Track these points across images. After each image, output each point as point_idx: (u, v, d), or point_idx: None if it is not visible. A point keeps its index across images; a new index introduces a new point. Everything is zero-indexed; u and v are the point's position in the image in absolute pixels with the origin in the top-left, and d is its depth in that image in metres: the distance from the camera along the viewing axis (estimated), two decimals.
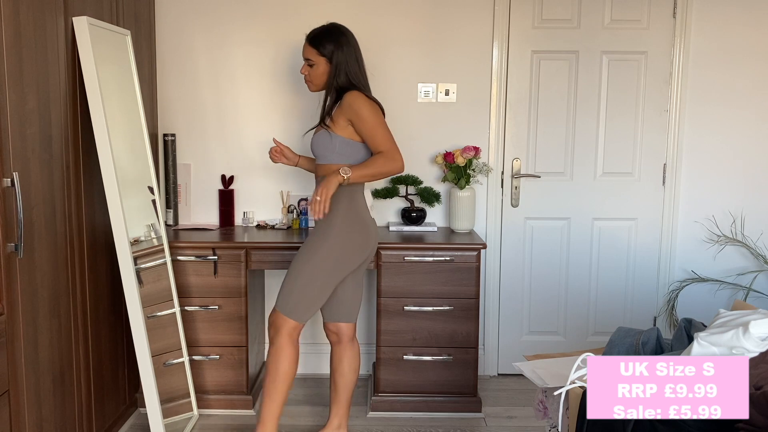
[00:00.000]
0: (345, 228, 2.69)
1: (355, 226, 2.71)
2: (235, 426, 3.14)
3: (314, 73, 2.74)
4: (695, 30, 3.56)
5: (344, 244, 2.69)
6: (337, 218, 2.68)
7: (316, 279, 2.67)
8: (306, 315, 2.69)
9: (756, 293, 3.61)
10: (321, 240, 2.69)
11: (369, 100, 2.66)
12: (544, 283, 3.74)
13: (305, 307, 2.68)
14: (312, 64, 2.73)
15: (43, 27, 2.32)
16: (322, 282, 2.68)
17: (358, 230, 2.71)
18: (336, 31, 2.74)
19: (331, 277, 2.69)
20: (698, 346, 1.96)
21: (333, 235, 2.68)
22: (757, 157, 3.66)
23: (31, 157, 2.25)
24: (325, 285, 2.69)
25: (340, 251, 2.68)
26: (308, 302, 2.68)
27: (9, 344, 2.12)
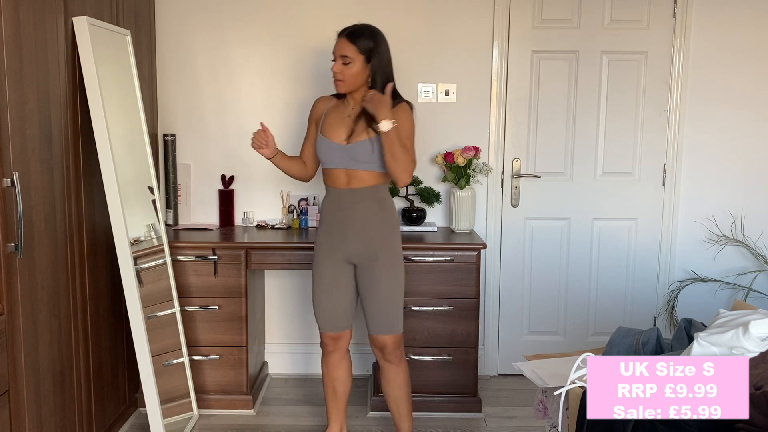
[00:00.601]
0: (398, 231, 2.74)
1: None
2: (235, 426, 3.14)
3: (349, 71, 2.58)
4: (695, 30, 3.56)
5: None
6: (395, 220, 2.72)
7: (402, 288, 2.73)
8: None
9: (756, 293, 3.61)
10: (396, 251, 2.69)
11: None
12: (544, 283, 3.74)
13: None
14: (348, 61, 2.57)
15: (43, 27, 2.32)
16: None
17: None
18: (374, 30, 2.64)
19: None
20: (698, 346, 1.96)
21: (398, 240, 2.71)
22: (757, 157, 3.66)
23: (31, 157, 2.25)
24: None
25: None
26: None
27: (9, 344, 2.12)
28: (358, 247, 2.64)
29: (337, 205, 2.66)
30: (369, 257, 2.64)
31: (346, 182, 2.63)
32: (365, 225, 2.63)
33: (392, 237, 2.68)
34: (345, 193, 2.64)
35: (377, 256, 2.63)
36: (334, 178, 2.66)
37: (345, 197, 2.64)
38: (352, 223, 2.63)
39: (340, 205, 2.65)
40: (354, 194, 2.63)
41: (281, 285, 3.73)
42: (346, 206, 2.64)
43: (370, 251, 2.63)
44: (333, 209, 2.67)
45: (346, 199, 2.64)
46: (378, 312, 2.67)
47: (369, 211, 2.63)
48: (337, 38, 2.64)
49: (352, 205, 2.63)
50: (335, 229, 2.66)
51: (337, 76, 2.60)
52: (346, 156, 2.60)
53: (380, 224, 2.65)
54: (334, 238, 2.66)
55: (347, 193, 2.63)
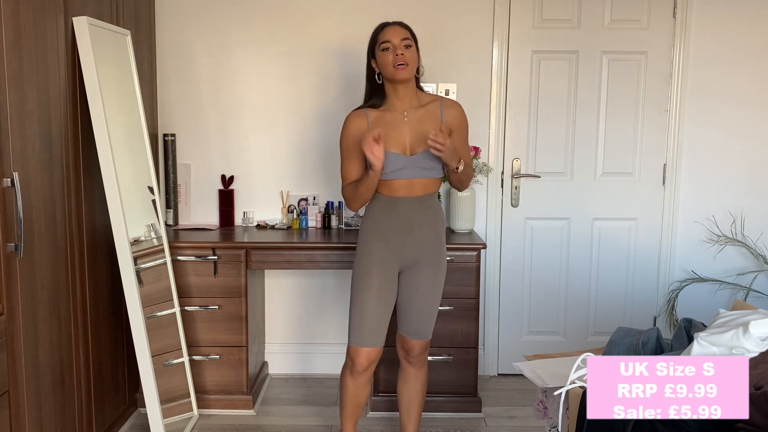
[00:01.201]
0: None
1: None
2: (235, 426, 3.14)
3: (411, 54, 2.49)
4: (695, 30, 3.56)
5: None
6: (445, 223, 2.69)
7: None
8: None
9: (756, 293, 3.61)
10: (445, 254, 2.66)
11: None
12: (544, 283, 3.74)
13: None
14: (410, 44, 2.50)
15: (43, 27, 2.32)
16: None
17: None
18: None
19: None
20: (698, 346, 1.96)
21: (444, 249, 2.68)
22: (757, 157, 3.66)
23: (31, 157, 2.25)
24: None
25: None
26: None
27: (9, 344, 2.12)
28: (418, 252, 2.58)
29: (396, 213, 2.55)
30: (423, 261, 2.59)
31: (408, 190, 2.54)
32: (428, 230, 2.59)
33: (444, 240, 2.67)
34: (407, 201, 2.55)
35: (432, 260, 2.60)
36: (395, 187, 2.54)
37: (407, 205, 2.55)
38: (414, 230, 2.56)
39: (400, 212, 2.55)
40: (417, 202, 2.56)
41: (281, 285, 3.73)
42: (409, 213, 2.55)
43: (428, 255, 2.59)
44: (390, 217, 2.56)
45: (408, 206, 2.55)
46: (418, 316, 2.62)
47: (431, 216, 2.60)
48: (384, 28, 2.54)
49: (416, 212, 2.56)
50: (392, 237, 2.56)
51: (401, 60, 2.45)
52: (413, 166, 2.51)
53: (440, 228, 2.63)
54: (392, 245, 2.56)
55: (410, 201, 2.55)
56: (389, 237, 2.57)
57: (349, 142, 2.56)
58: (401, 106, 2.55)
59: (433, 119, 2.55)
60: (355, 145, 2.53)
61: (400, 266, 2.60)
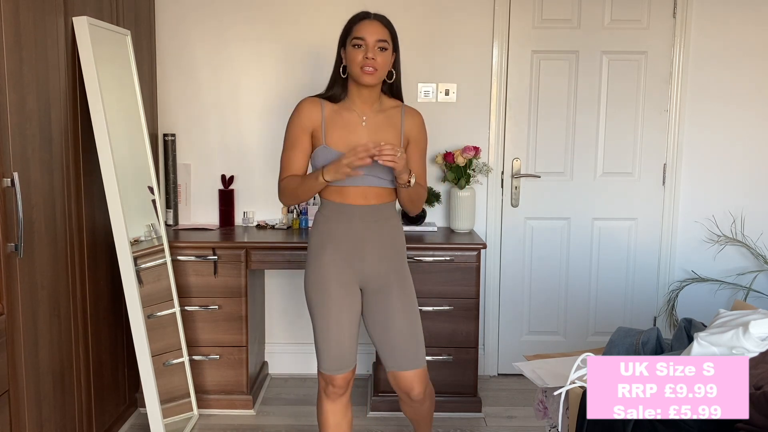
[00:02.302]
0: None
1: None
2: (235, 426, 3.14)
3: (384, 59, 2.25)
4: (695, 30, 3.56)
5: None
6: (404, 239, 2.47)
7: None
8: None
9: (756, 293, 3.61)
10: (408, 271, 2.42)
11: None
12: (544, 283, 3.74)
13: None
14: (385, 47, 2.25)
15: (43, 27, 2.32)
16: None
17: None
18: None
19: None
20: (698, 346, 1.96)
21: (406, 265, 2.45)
22: (757, 157, 3.66)
23: (31, 157, 2.25)
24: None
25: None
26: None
27: (9, 344, 2.12)
28: (377, 268, 2.33)
29: (350, 223, 2.31)
30: (385, 280, 2.34)
31: (363, 198, 2.31)
32: (385, 243, 2.35)
33: (405, 257, 2.44)
34: (362, 210, 2.31)
35: (394, 278, 2.35)
36: (347, 194, 2.30)
37: (362, 214, 2.31)
38: (372, 243, 2.32)
39: (355, 222, 2.31)
40: (374, 211, 2.32)
41: (281, 285, 3.73)
42: (364, 223, 2.31)
43: (389, 272, 2.34)
44: (343, 227, 2.32)
45: (363, 216, 2.31)
46: (402, 345, 2.33)
47: (389, 229, 2.36)
48: (362, 21, 2.28)
49: (372, 223, 2.32)
50: (346, 249, 2.32)
51: (369, 64, 2.21)
52: (368, 173, 2.26)
53: (399, 243, 2.40)
54: (348, 258, 2.32)
55: (365, 209, 2.31)
56: (344, 248, 2.32)
57: (298, 130, 2.31)
58: (361, 107, 2.32)
59: (392, 128, 2.34)
60: (304, 134, 2.31)
61: (359, 282, 2.35)
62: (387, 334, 2.34)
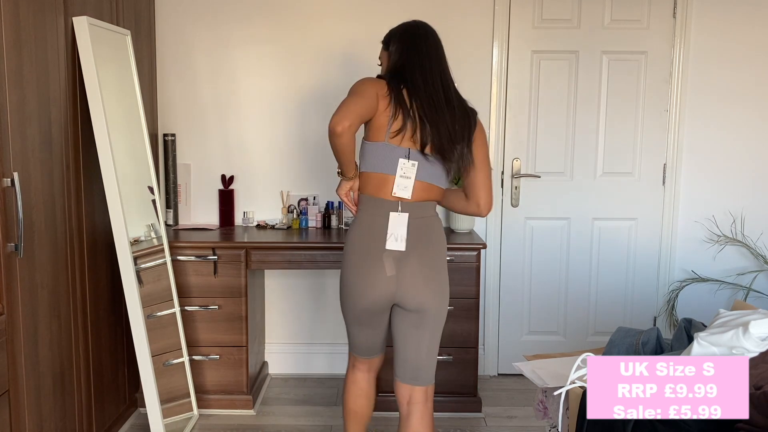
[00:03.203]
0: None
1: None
2: (235, 426, 3.14)
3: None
4: (695, 30, 3.56)
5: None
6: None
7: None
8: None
9: (756, 293, 3.61)
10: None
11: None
12: (544, 283, 3.74)
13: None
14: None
15: (43, 27, 2.32)
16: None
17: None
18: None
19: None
20: (698, 346, 1.96)
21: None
22: (757, 157, 3.66)
23: (31, 157, 2.25)
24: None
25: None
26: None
27: (9, 344, 2.12)
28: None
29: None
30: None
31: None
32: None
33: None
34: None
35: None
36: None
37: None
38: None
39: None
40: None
41: (281, 285, 3.73)
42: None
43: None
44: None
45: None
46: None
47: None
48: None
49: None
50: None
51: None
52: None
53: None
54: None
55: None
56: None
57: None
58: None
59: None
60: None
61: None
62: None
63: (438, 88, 2.25)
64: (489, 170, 2.34)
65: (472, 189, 2.32)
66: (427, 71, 2.25)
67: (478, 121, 2.32)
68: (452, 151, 2.22)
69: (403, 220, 2.21)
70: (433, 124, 2.20)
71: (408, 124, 2.19)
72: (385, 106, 2.20)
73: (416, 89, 2.22)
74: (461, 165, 2.27)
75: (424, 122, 2.20)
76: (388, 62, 2.33)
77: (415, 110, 2.20)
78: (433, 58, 2.29)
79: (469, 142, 2.26)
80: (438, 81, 2.26)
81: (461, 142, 2.23)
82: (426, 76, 2.24)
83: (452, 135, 2.21)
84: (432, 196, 2.29)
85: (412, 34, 2.33)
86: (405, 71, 2.25)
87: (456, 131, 2.22)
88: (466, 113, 2.29)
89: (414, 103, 2.21)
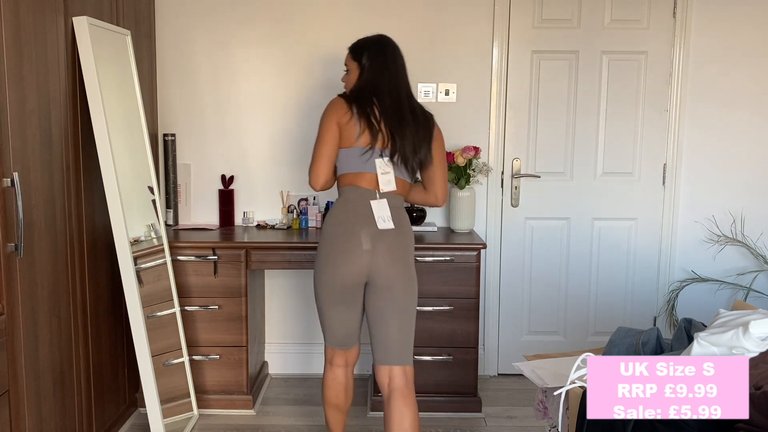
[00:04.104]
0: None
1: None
2: (235, 426, 3.14)
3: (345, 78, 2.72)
4: (695, 30, 3.56)
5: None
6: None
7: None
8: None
9: (756, 293, 3.61)
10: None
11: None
12: (544, 283, 3.74)
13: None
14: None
15: (43, 27, 2.32)
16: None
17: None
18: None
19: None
20: (698, 346, 1.96)
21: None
22: (757, 157, 3.66)
23: (31, 157, 2.25)
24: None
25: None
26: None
27: (9, 344, 2.12)
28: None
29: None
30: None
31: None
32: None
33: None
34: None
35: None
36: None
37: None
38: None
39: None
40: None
41: (281, 285, 3.73)
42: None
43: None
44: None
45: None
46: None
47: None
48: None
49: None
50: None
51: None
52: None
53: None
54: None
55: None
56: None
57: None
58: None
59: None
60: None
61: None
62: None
63: (404, 103, 2.52)
64: (445, 167, 2.65)
65: (430, 183, 2.62)
66: (394, 90, 2.52)
67: (435, 125, 2.61)
68: (415, 157, 2.50)
69: (384, 203, 2.47)
70: (401, 137, 2.47)
71: (378, 139, 2.46)
72: (347, 120, 2.47)
73: (385, 108, 2.48)
74: (423, 164, 2.56)
75: (393, 137, 2.47)
76: (359, 75, 2.56)
77: (384, 127, 2.47)
78: (401, 76, 2.56)
79: (429, 144, 2.55)
80: (404, 96, 2.54)
81: (423, 147, 2.52)
82: (394, 95, 2.51)
83: (416, 145, 2.50)
84: (400, 190, 2.53)
85: (383, 52, 2.57)
86: (376, 92, 2.51)
87: (418, 138, 2.51)
88: (426, 119, 2.58)
89: (383, 120, 2.47)
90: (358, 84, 2.55)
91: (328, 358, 2.64)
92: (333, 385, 2.64)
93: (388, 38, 2.61)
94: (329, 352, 2.63)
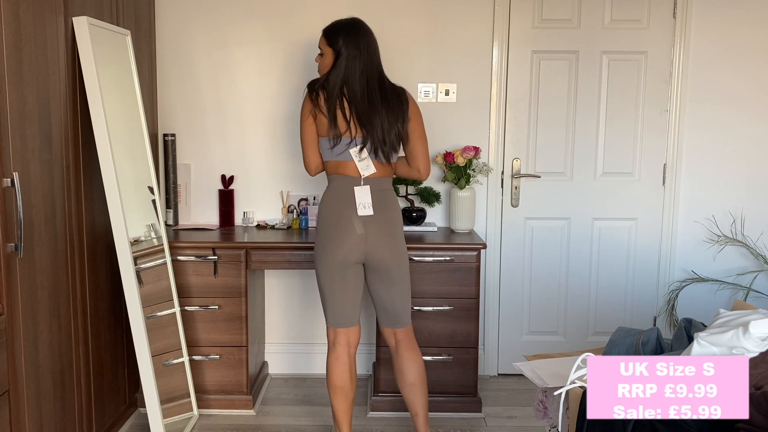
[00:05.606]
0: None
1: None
2: (235, 426, 3.14)
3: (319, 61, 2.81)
4: (695, 30, 3.56)
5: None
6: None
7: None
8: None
9: (756, 293, 3.61)
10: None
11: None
12: (544, 283, 3.74)
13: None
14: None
15: (43, 27, 2.32)
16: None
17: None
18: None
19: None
20: (698, 346, 1.96)
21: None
22: (757, 157, 3.66)
23: (31, 157, 2.25)
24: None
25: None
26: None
27: (9, 344, 2.12)
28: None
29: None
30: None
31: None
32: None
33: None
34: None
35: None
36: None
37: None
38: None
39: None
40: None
41: (281, 285, 3.73)
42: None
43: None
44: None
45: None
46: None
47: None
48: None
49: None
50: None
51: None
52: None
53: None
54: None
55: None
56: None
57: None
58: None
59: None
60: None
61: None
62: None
63: (375, 88, 2.62)
64: (425, 140, 2.73)
65: (412, 158, 2.73)
66: (365, 77, 2.62)
67: (409, 98, 2.69)
68: (385, 146, 2.62)
69: (366, 190, 2.62)
70: (370, 127, 2.59)
71: (350, 129, 2.61)
72: (318, 112, 2.62)
73: (354, 97, 2.60)
74: (396, 148, 2.67)
75: (364, 126, 2.60)
76: (333, 62, 2.65)
77: (353, 118, 2.60)
78: (373, 61, 2.65)
79: (403, 124, 2.65)
80: (375, 82, 2.63)
81: (392, 132, 2.62)
82: (363, 83, 2.61)
83: (385, 132, 2.61)
84: (383, 172, 2.67)
85: (356, 39, 2.65)
86: (348, 81, 2.61)
87: (388, 123, 2.61)
88: (398, 97, 2.66)
89: (352, 110, 2.60)
90: (331, 72, 2.64)
91: (330, 340, 2.78)
92: (336, 365, 2.75)
93: (362, 22, 2.72)
94: (331, 333, 2.76)
